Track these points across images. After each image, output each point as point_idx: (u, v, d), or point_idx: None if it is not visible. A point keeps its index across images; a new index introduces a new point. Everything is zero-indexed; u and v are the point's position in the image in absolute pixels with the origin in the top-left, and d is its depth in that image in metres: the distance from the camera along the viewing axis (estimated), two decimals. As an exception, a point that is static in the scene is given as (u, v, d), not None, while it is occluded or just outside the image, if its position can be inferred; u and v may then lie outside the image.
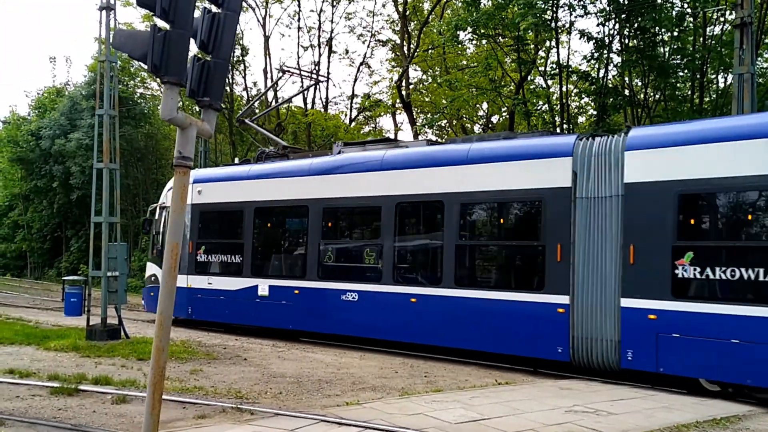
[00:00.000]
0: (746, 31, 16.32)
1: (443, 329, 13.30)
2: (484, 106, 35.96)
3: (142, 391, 9.66)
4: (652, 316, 10.87)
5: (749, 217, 10.46)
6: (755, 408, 9.69)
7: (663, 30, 22.43)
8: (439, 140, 21.51)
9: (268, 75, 39.05)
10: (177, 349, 13.41)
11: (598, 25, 23.66)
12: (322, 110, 38.87)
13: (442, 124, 38.59)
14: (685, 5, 23.43)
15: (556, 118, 27.08)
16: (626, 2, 21.62)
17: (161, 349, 5.14)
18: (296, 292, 15.63)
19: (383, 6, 42.83)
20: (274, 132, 37.59)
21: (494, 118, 37.73)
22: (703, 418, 8.77)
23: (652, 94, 25.92)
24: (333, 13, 38.87)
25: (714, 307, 10.27)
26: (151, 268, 19.73)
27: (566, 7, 23.12)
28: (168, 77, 5.05)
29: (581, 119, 30.65)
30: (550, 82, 27.80)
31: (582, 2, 22.33)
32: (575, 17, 23.57)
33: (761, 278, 9.85)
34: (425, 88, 37.61)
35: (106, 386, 10.01)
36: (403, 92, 33.18)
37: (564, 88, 26.08)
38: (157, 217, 19.73)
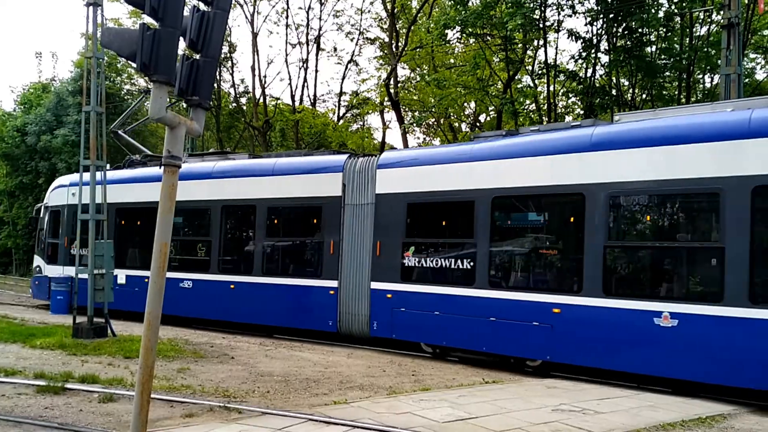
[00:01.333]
0: (733, 32, 16.46)
1: (253, 309, 16.48)
2: (472, 105, 36.05)
3: (129, 389, 9.62)
4: (389, 296, 14.30)
5: (444, 222, 14.26)
6: (739, 407, 9.77)
7: (650, 30, 22.55)
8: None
9: (256, 72, 38.99)
10: (164, 348, 13.36)
11: (586, 24, 23.78)
12: (310, 107, 38.82)
13: (430, 123, 38.68)
14: (673, 6, 23.58)
15: (544, 118, 27.18)
16: (614, 2, 21.70)
17: (150, 349, 5.12)
18: (146, 280, 16.43)
19: (371, 4, 42.77)
20: (261, 129, 37.54)
21: (482, 117, 37.84)
22: (689, 417, 8.84)
23: (639, 93, 26.06)
24: (321, 11, 38.95)
25: (424, 288, 13.77)
26: (37, 260, 22.99)
27: (554, 7, 23.20)
28: (157, 76, 5.02)
29: (568, 118, 30.79)
30: (537, 82, 27.90)
31: (570, 2, 22.41)
32: (563, 17, 23.66)
33: (459, 266, 13.30)
34: (413, 87, 37.65)
35: (92, 385, 9.95)
36: (392, 90, 33.19)
37: (551, 88, 26.18)
38: (41, 215, 22.73)
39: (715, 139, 10.25)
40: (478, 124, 37.22)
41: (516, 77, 28.04)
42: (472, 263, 13.11)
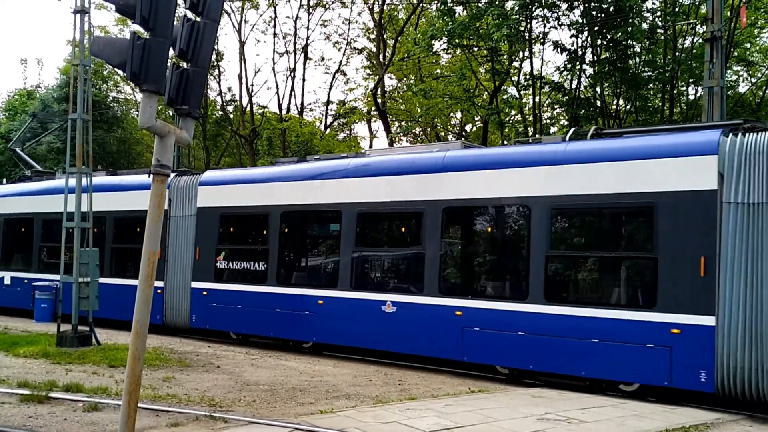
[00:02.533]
0: (716, 45, 16.66)
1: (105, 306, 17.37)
2: (458, 115, 36.23)
3: (114, 398, 9.57)
4: (204, 293, 16.87)
5: (246, 232, 17.06)
6: (723, 415, 9.86)
7: (634, 42, 22.80)
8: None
9: (243, 80, 39.00)
10: (149, 356, 13.27)
11: (571, 36, 23.97)
12: (297, 116, 38.85)
13: (417, 132, 38.82)
14: (657, 19, 23.85)
15: (529, 128, 27.37)
16: (599, 15, 21.93)
17: (137, 358, 5.13)
18: (25, 281, 21.29)
19: (359, 14, 42.85)
20: (248, 138, 37.51)
21: (468, 127, 38.04)
22: (672, 426, 8.91)
23: (623, 105, 26.30)
24: (309, 20, 38.77)
25: (231, 286, 16.49)
26: None
27: (540, 19, 23.41)
28: (147, 85, 5.06)
29: (553, 129, 31.01)
30: (523, 93, 28.09)
31: (555, 14, 22.61)
32: (549, 28, 23.88)
33: (256, 268, 16.12)
34: (400, 97, 37.79)
35: (77, 393, 9.88)
36: (379, 100, 33.30)
37: (537, 99, 26.37)
38: None
39: (420, 173, 13.76)
40: (464, 133, 37.41)
41: (502, 88, 28.22)
42: (265, 265, 15.90)
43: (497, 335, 12.32)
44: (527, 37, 24.21)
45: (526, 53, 26.03)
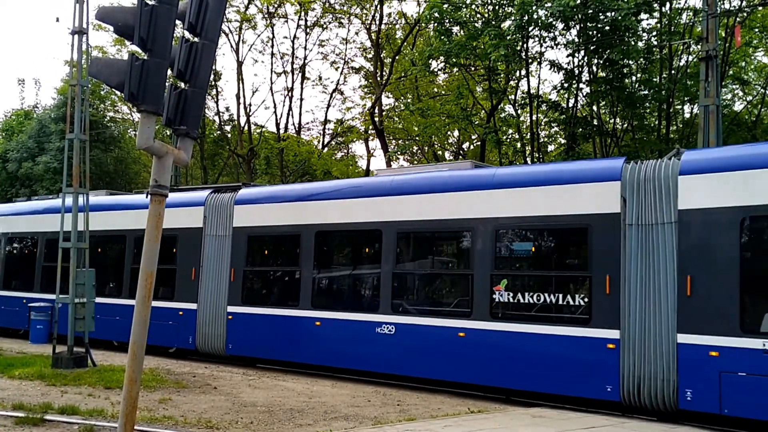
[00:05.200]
0: (711, 64, 16.75)
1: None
2: (456, 133, 36.32)
3: (110, 420, 9.48)
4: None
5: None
6: (724, 436, 9.81)
7: (630, 61, 22.93)
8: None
9: (241, 100, 39.09)
10: (145, 378, 13.18)
11: (567, 56, 24.07)
12: (295, 135, 38.91)
13: (414, 151, 38.90)
14: (652, 38, 24.00)
15: (527, 147, 27.43)
16: (595, 34, 22.06)
17: (133, 380, 5.07)
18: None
19: (356, 34, 43.18)
20: (245, 157, 37.52)
21: (465, 146, 38.12)
22: (674, 447, 8.84)
23: (620, 124, 26.39)
24: (306, 40, 38.88)
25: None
26: None
27: (536, 38, 23.54)
28: (145, 106, 5.05)
29: (551, 147, 31.10)
30: (520, 111, 28.18)
31: (552, 33, 22.74)
32: (545, 48, 23.99)
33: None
34: (398, 115, 37.89)
35: (72, 416, 9.79)
36: (376, 119, 33.37)
37: (534, 117, 26.45)
38: None
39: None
40: (461, 152, 37.49)
41: (499, 106, 28.31)
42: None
43: None
44: (524, 57, 24.32)
45: (523, 72, 26.14)
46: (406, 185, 13.97)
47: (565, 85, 24.42)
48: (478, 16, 25.12)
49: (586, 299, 11.52)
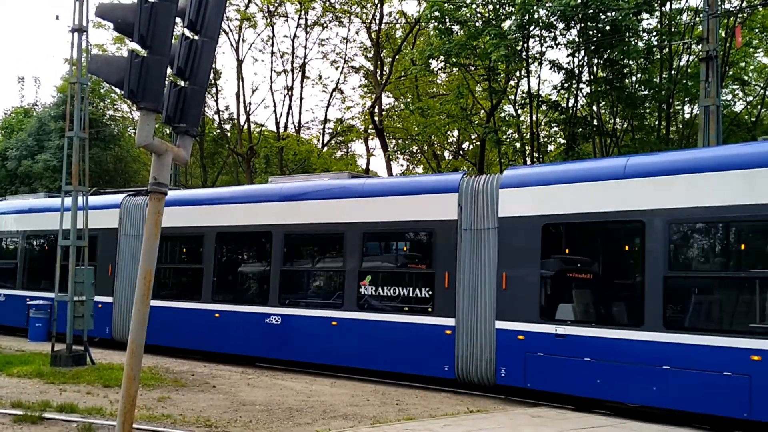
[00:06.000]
0: (711, 65, 16.75)
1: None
2: (455, 133, 36.28)
3: (109, 419, 9.46)
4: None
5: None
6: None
7: (631, 61, 22.91)
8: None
9: (241, 99, 39.06)
10: (144, 376, 13.16)
11: (568, 56, 24.05)
12: (294, 134, 38.89)
13: (414, 150, 38.87)
14: (653, 38, 23.97)
15: (527, 147, 27.41)
16: (595, 34, 22.05)
17: (132, 378, 5.06)
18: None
19: (356, 33, 43.05)
20: (245, 156, 37.49)
21: (465, 145, 38.09)
22: (673, 447, 8.83)
23: (620, 124, 26.38)
24: (306, 39, 38.87)
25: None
26: None
27: (537, 38, 23.51)
28: (144, 103, 5.03)
29: (551, 147, 31.06)
30: (520, 111, 28.15)
31: (552, 33, 22.72)
32: (545, 48, 23.97)
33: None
34: (397, 115, 37.87)
35: (71, 414, 9.78)
36: (376, 118, 33.34)
37: (534, 117, 26.43)
38: None
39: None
40: (461, 151, 37.47)
41: (499, 106, 28.28)
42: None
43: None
44: (524, 57, 24.30)
45: (523, 72, 26.12)
46: (293, 192, 15.75)
47: (565, 85, 24.39)
48: (479, 15, 25.09)
49: (430, 292, 13.52)
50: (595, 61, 23.69)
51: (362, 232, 14.50)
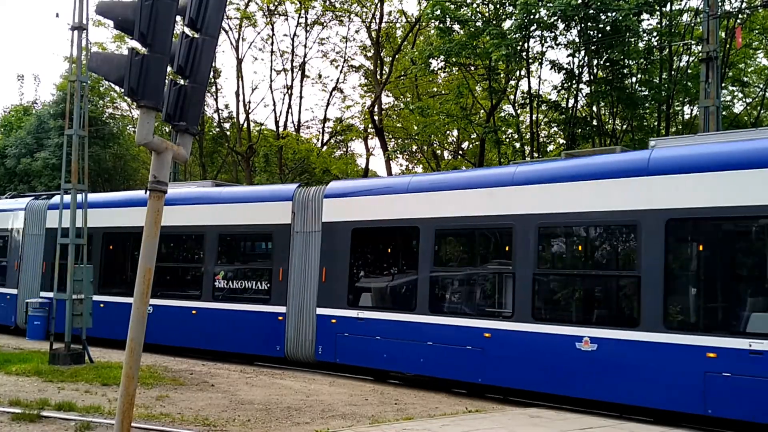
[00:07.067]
0: (712, 66, 16.75)
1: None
2: (455, 132, 36.25)
3: (107, 417, 9.45)
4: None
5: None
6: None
7: (631, 61, 22.87)
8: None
9: (240, 98, 39.01)
10: (143, 375, 13.14)
11: (568, 56, 24.02)
12: (294, 132, 38.84)
13: (413, 150, 38.83)
14: (653, 39, 23.95)
15: (526, 147, 27.37)
16: (596, 34, 22.03)
17: (131, 377, 5.05)
18: None
19: (356, 32, 42.87)
20: (245, 155, 37.46)
21: (464, 145, 38.05)
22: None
23: (620, 124, 26.35)
24: (306, 38, 38.80)
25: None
26: None
27: (537, 38, 23.49)
28: (144, 101, 5.02)
29: (550, 147, 31.03)
30: (520, 111, 28.12)
31: (552, 33, 22.69)
32: (546, 48, 23.94)
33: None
34: (397, 114, 37.82)
35: (69, 412, 9.77)
36: (376, 118, 33.30)
37: (534, 117, 26.40)
38: None
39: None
40: (460, 151, 37.44)
41: (499, 106, 28.25)
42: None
43: None
44: (525, 57, 24.28)
45: (523, 72, 26.10)
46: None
47: (566, 85, 24.37)
48: (479, 15, 25.06)
49: (268, 285, 16.08)
50: (595, 61, 23.67)
51: (218, 234, 16.92)
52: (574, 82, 24.17)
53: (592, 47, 22.21)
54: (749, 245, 10.78)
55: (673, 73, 24.27)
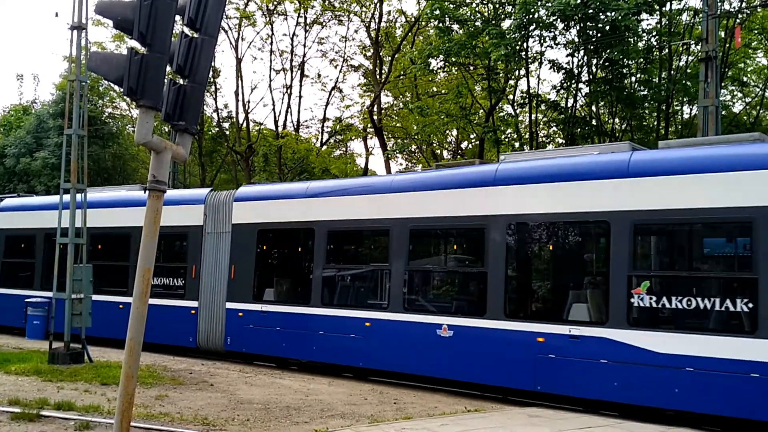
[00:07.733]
0: (711, 65, 16.76)
1: None
2: (454, 132, 36.25)
3: (106, 416, 9.45)
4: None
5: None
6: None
7: (630, 61, 22.89)
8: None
9: (240, 97, 39.01)
10: (142, 374, 13.14)
11: (567, 56, 24.05)
12: (293, 132, 38.83)
13: (413, 150, 38.83)
14: (652, 39, 23.97)
15: (525, 147, 27.38)
16: (595, 34, 22.04)
17: (130, 377, 5.05)
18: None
19: (356, 32, 43.05)
20: (244, 155, 37.45)
21: (464, 145, 38.04)
22: (671, 447, 8.84)
23: (619, 124, 26.37)
24: (305, 38, 38.85)
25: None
26: None
27: (536, 38, 23.51)
28: (144, 101, 5.02)
29: (550, 147, 31.02)
30: (519, 111, 28.13)
31: (552, 33, 22.71)
32: (545, 47, 23.96)
33: None
34: (396, 114, 37.81)
35: (68, 412, 9.76)
36: (375, 117, 33.29)
37: (533, 117, 26.42)
38: None
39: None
40: (460, 151, 37.43)
41: (498, 106, 28.26)
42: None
43: None
44: (524, 56, 24.29)
45: (522, 72, 26.11)
46: (97, 201, 18.40)
47: (565, 84, 24.38)
48: (478, 15, 25.07)
49: (183, 281, 17.39)
50: (595, 61, 23.69)
51: (138, 234, 16.50)
52: (573, 81, 24.19)
53: (592, 47, 22.23)
54: (572, 246, 12.72)
55: (672, 72, 24.30)
